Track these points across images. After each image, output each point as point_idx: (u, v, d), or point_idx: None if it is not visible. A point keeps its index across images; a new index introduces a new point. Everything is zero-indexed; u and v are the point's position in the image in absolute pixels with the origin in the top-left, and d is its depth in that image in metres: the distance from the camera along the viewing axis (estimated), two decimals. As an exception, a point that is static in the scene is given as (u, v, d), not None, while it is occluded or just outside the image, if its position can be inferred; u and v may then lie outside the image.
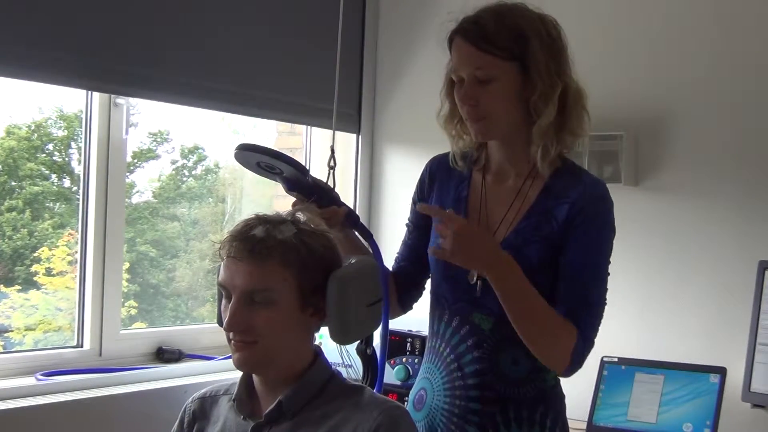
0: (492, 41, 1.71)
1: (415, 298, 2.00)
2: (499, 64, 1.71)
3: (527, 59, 1.71)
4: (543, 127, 1.73)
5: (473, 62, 1.72)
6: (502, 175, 1.84)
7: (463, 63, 1.74)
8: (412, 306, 2.01)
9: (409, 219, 1.98)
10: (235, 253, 1.46)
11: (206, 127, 3.16)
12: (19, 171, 2.72)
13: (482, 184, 1.85)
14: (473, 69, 1.72)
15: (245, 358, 1.48)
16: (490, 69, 1.71)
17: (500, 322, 1.74)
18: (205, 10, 2.68)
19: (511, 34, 1.71)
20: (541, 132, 1.74)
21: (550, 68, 1.72)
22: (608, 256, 1.77)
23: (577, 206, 1.74)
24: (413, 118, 3.20)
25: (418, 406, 1.86)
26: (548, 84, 1.72)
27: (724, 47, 2.62)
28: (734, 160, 2.59)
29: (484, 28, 1.72)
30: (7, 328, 2.65)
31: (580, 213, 1.73)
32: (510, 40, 1.71)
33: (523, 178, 1.80)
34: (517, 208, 1.79)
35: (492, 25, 1.72)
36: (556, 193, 1.77)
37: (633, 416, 2.48)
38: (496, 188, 1.84)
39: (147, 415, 2.35)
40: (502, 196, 1.81)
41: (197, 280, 3.21)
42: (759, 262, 2.45)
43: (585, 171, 1.84)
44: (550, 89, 1.72)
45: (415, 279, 1.97)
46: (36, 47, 2.27)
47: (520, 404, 1.76)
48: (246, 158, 1.79)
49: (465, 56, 1.74)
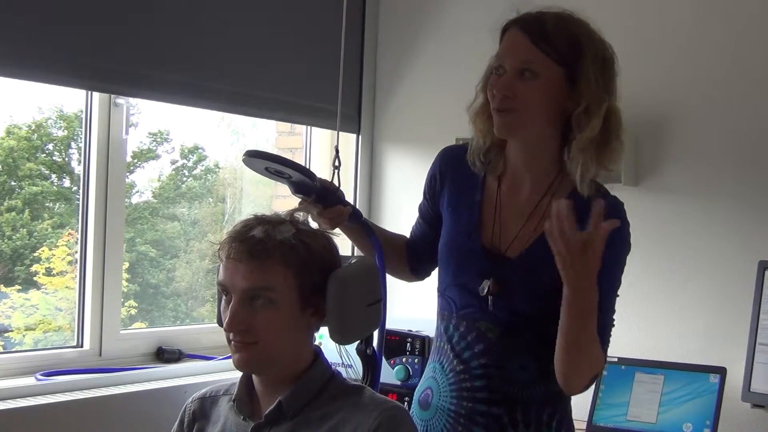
0: (548, 39, 1.70)
1: (429, 270, 1.99)
2: (548, 64, 1.70)
3: (577, 69, 1.69)
4: (584, 141, 1.69)
5: (523, 54, 1.71)
6: (518, 185, 1.80)
7: (512, 53, 1.72)
8: (429, 273, 1.99)
9: (420, 208, 1.98)
10: (234, 254, 1.46)
11: (206, 127, 3.17)
12: (19, 171, 2.72)
13: (497, 192, 1.82)
14: (521, 61, 1.70)
15: (245, 358, 1.48)
16: (537, 65, 1.69)
17: (507, 331, 1.73)
18: (205, 10, 2.68)
19: (569, 39, 1.70)
20: (582, 145, 1.70)
21: (599, 84, 1.70)
22: (620, 278, 1.76)
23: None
24: (413, 118, 3.20)
25: (425, 406, 1.85)
26: (595, 99, 1.69)
27: (724, 47, 2.62)
28: (734, 160, 2.59)
29: (544, 26, 1.71)
30: (7, 328, 2.65)
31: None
32: (565, 45, 1.70)
33: (541, 191, 1.77)
34: (534, 223, 1.75)
35: (552, 25, 1.71)
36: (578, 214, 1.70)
37: (633, 416, 2.48)
38: (512, 200, 1.80)
39: (147, 415, 2.35)
40: (519, 209, 1.78)
41: (197, 280, 3.21)
42: (759, 262, 2.45)
43: (607, 191, 1.79)
44: (596, 105, 1.69)
45: (425, 254, 1.95)
46: (36, 47, 2.27)
47: (528, 406, 1.75)
48: (254, 164, 1.80)
49: (517, 47, 1.72)
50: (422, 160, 3.15)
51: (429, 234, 1.94)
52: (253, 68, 2.84)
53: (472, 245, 1.79)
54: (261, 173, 1.82)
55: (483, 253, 1.78)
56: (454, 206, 1.86)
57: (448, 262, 1.84)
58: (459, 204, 1.85)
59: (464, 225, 1.82)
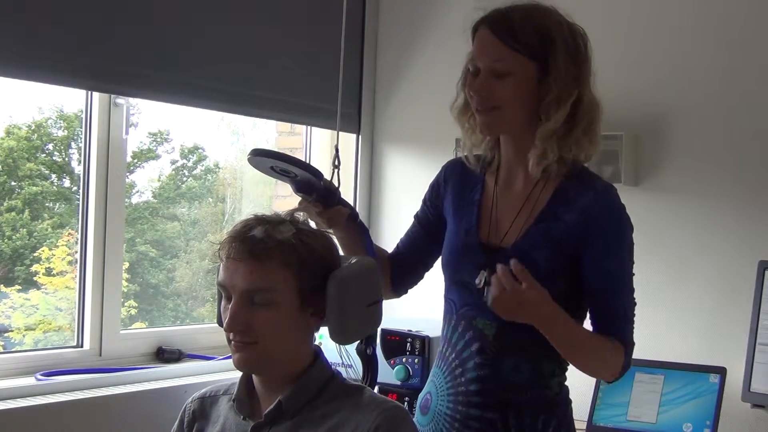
0: (516, 36, 1.71)
1: (409, 285, 2.00)
2: (519, 60, 1.71)
3: (549, 62, 1.71)
4: (547, 130, 1.72)
5: (493, 54, 1.72)
6: (512, 177, 1.83)
7: (483, 53, 1.74)
8: (407, 291, 2.01)
9: (417, 215, 1.99)
10: (234, 254, 1.46)
11: (206, 127, 3.17)
12: (19, 171, 2.72)
13: (494, 188, 1.84)
14: (492, 61, 1.72)
15: (245, 358, 1.48)
16: (509, 63, 1.71)
17: (504, 328, 1.74)
18: (205, 10, 2.68)
19: (537, 33, 1.71)
20: (544, 135, 1.73)
21: (569, 74, 1.72)
22: (630, 258, 1.78)
23: (589, 215, 1.73)
24: (413, 118, 3.20)
25: (424, 411, 1.86)
26: (564, 89, 1.71)
27: (724, 47, 2.62)
28: (734, 160, 2.59)
29: (511, 22, 1.72)
30: (7, 328, 2.65)
31: (595, 222, 1.72)
32: (535, 40, 1.71)
33: (533, 182, 1.79)
34: (527, 213, 1.78)
35: (520, 21, 1.72)
36: (567, 199, 1.75)
37: (633, 416, 2.48)
38: (507, 193, 1.83)
39: (147, 415, 2.35)
40: (513, 201, 1.80)
41: (197, 280, 3.21)
42: (759, 262, 2.45)
43: (597, 177, 1.82)
44: (565, 94, 1.71)
45: (410, 267, 1.97)
46: (36, 47, 2.27)
47: (521, 411, 1.75)
48: (260, 163, 1.80)
49: (486, 47, 1.73)
50: (422, 160, 3.15)
51: (421, 240, 1.95)
52: (253, 68, 2.84)
53: (470, 241, 1.81)
54: (266, 172, 1.82)
55: (480, 248, 1.79)
56: (455, 208, 1.87)
57: (448, 262, 1.86)
58: (460, 206, 1.87)
59: (464, 224, 1.84)
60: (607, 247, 1.72)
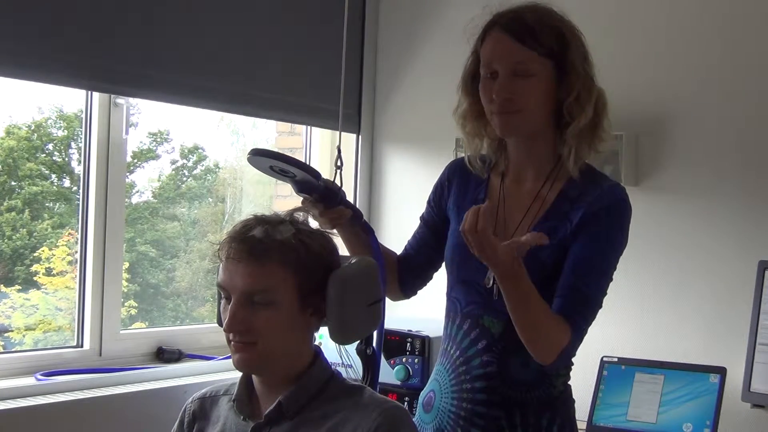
0: (535, 37, 1.71)
1: (417, 286, 1.99)
2: (539, 60, 1.71)
3: (565, 60, 1.72)
4: (579, 128, 1.73)
5: (514, 56, 1.72)
6: (521, 177, 1.83)
7: (501, 56, 1.73)
8: (416, 292, 2.00)
9: (422, 216, 1.99)
10: (234, 255, 1.46)
11: (206, 127, 3.17)
12: (19, 171, 2.72)
13: (500, 188, 1.84)
14: (513, 63, 1.72)
15: (245, 358, 1.48)
16: (531, 64, 1.71)
17: (510, 327, 1.73)
18: (205, 9, 2.68)
19: (553, 33, 1.72)
20: (576, 134, 1.74)
21: (586, 71, 1.74)
22: (613, 257, 1.76)
23: (590, 211, 1.73)
24: (413, 118, 3.20)
25: (427, 408, 1.86)
26: (585, 86, 1.73)
27: (724, 47, 2.62)
28: (734, 160, 2.59)
29: (527, 24, 1.72)
30: (7, 328, 2.65)
31: (593, 217, 1.73)
32: (551, 39, 1.72)
33: (542, 180, 1.79)
34: (535, 211, 1.78)
35: (535, 22, 1.72)
36: (574, 198, 1.76)
37: (633, 416, 2.48)
38: (514, 192, 1.83)
39: (147, 415, 2.35)
40: (520, 200, 1.81)
41: (197, 280, 3.22)
42: (759, 262, 2.45)
43: (605, 176, 1.83)
44: (586, 92, 1.73)
45: (418, 269, 1.97)
46: (36, 47, 2.27)
47: (527, 409, 1.75)
48: (259, 162, 1.80)
49: (505, 49, 1.73)
50: (422, 160, 3.15)
51: (429, 240, 1.95)
52: (253, 68, 2.84)
53: None
54: (265, 172, 1.82)
55: None
56: (459, 207, 1.87)
57: (452, 261, 1.85)
58: (464, 204, 1.86)
59: None
60: (595, 237, 1.72)
